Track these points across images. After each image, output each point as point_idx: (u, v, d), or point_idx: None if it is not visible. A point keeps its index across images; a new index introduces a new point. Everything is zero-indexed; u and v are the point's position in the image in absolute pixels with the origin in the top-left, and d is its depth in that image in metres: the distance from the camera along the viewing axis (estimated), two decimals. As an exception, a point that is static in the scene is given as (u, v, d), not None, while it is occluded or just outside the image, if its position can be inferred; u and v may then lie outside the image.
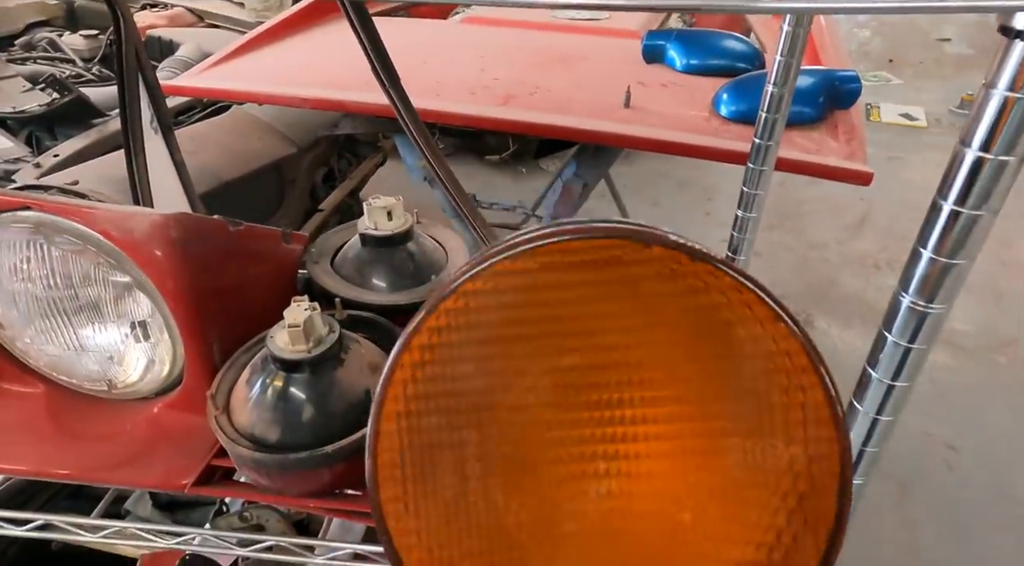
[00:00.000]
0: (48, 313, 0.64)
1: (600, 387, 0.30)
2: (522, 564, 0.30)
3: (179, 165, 1.37)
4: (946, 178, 0.38)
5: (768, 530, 0.28)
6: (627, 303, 0.30)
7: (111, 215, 0.60)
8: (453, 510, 0.30)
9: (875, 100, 4.67)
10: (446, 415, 0.30)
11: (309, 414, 0.61)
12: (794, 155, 1.26)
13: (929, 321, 0.42)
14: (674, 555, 0.29)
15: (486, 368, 0.30)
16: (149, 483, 0.67)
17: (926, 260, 0.40)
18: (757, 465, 0.28)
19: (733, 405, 0.29)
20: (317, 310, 0.62)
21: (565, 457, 0.30)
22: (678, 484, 0.29)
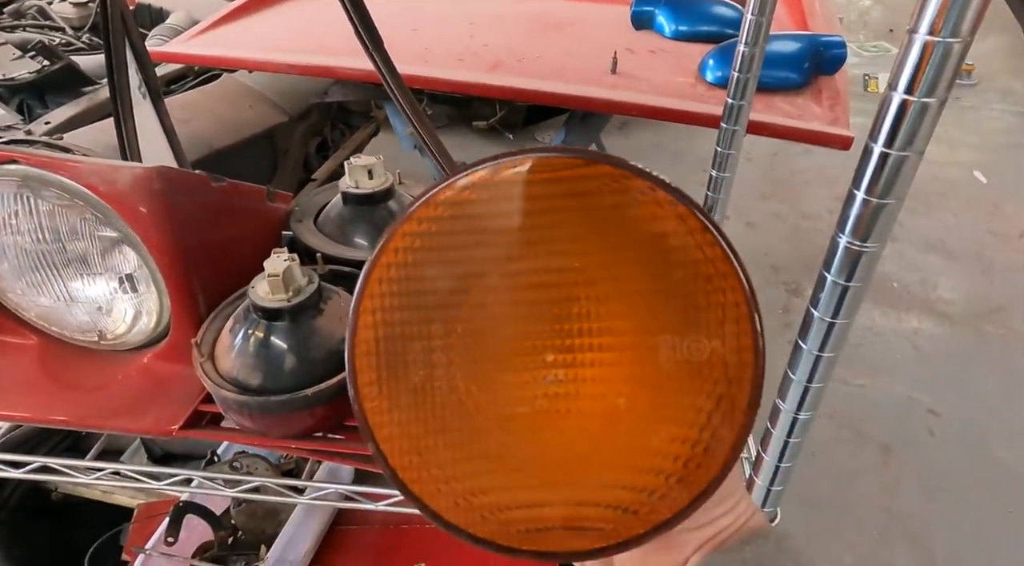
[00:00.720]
0: (38, 266, 0.66)
1: (550, 287, 0.34)
2: (479, 439, 0.35)
3: (169, 131, 1.38)
4: (876, 122, 0.41)
5: (694, 411, 0.32)
6: (575, 214, 0.33)
7: (96, 168, 0.62)
8: (420, 393, 0.34)
9: (873, 70, 4.63)
10: (416, 310, 0.34)
11: (289, 360, 0.64)
12: (777, 119, 1.27)
13: (864, 260, 0.45)
14: (612, 434, 0.34)
15: (452, 270, 0.34)
16: (140, 429, 0.70)
17: (860, 201, 0.43)
18: (684, 357, 0.32)
19: (665, 306, 0.33)
20: (296, 261, 0.65)
21: (519, 349, 0.34)
22: (616, 374, 0.34)
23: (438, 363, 0.34)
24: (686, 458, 0.34)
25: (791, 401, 0.53)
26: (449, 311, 0.34)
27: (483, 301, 0.34)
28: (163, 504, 0.97)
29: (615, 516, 0.35)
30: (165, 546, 0.83)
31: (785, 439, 0.55)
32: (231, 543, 0.89)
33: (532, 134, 3.69)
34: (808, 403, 0.54)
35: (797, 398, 0.53)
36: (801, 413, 0.54)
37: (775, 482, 0.59)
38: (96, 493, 0.99)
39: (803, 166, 3.60)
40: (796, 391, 0.52)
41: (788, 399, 0.53)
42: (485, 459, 0.35)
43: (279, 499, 0.73)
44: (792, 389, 0.53)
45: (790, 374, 0.52)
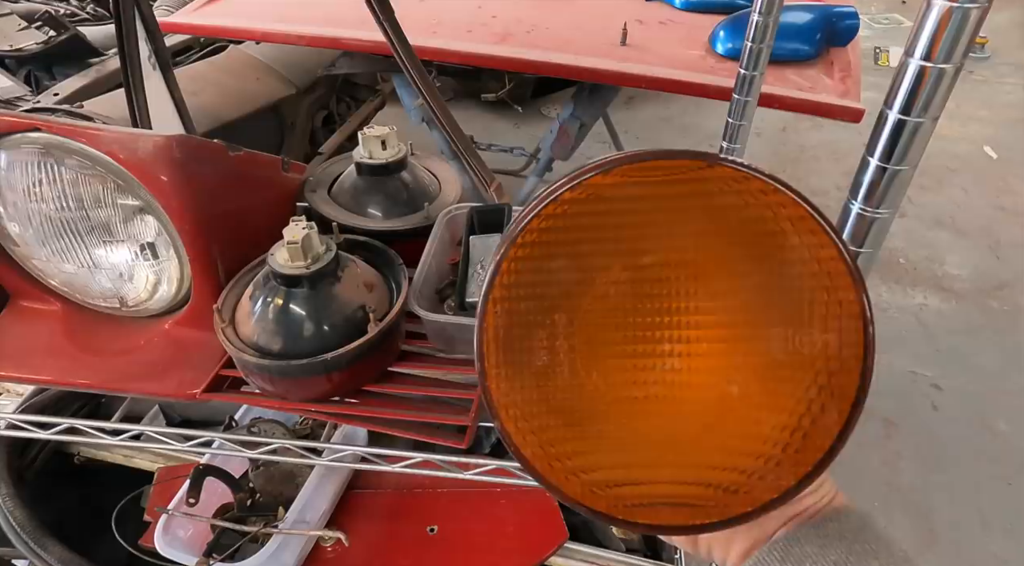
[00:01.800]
0: (62, 233, 0.68)
1: (670, 281, 0.37)
2: (595, 420, 0.38)
3: (178, 102, 1.38)
4: (892, 88, 0.41)
5: (801, 401, 0.35)
6: (697, 213, 0.36)
7: (116, 136, 0.63)
8: (542, 376, 0.37)
9: (885, 43, 4.56)
10: (540, 300, 0.37)
11: (308, 325, 0.66)
12: (787, 92, 1.26)
13: (875, 226, 0.46)
14: (723, 418, 0.36)
15: (576, 264, 0.37)
16: (163, 392, 0.72)
17: (873, 167, 0.44)
18: (795, 349, 0.35)
19: (779, 301, 0.35)
20: (314, 229, 0.66)
21: (639, 338, 0.37)
22: (729, 363, 0.36)
23: (560, 349, 0.37)
24: (791, 444, 0.36)
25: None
26: (572, 301, 0.37)
27: (605, 293, 0.37)
28: (182, 468, 0.99)
29: (717, 496, 0.37)
30: (186, 507, 0.85)
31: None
32: (250, 505, 0.92)
33: (539, 108, 3.67)
34: None
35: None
36: None
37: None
38: (118, 457, 1.02)
39: (812, 141, 3.57)
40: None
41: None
42: (599, 439, 0.38)
43: (298, 460, 0.75)
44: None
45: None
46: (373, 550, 0.91)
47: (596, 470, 0.38)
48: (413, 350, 0.75)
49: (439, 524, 0.93)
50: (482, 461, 0.71)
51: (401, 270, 0.75)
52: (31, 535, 0.85)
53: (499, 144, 2.32)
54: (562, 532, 0.90)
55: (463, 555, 0.90)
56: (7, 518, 0.87)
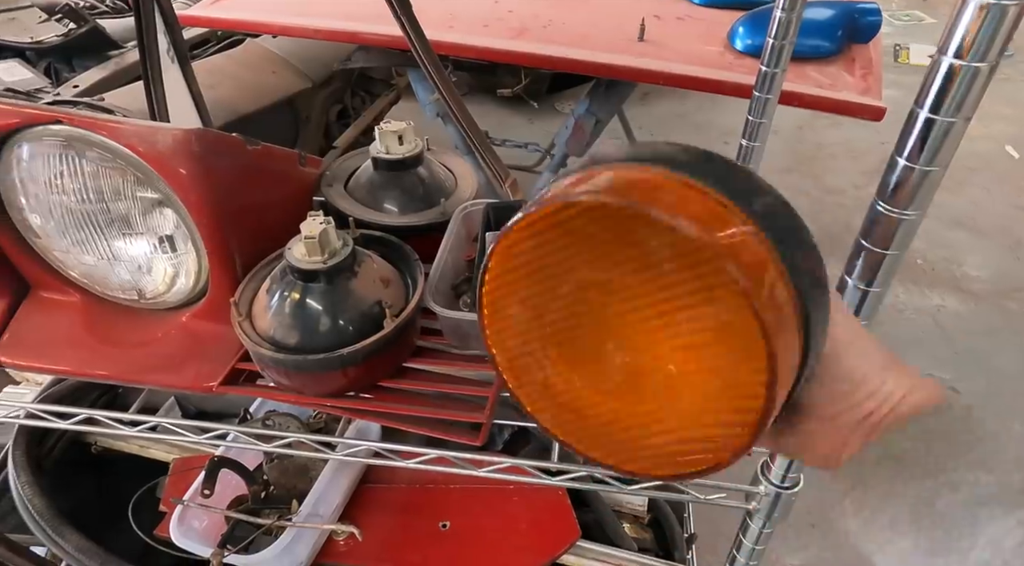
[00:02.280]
0: (82, 225, 0.68)
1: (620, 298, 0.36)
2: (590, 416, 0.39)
3: (196, 96, 1.39)
4: (923, 87, 0.40)
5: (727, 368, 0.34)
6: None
7: (137, 129, 0.63)
8: (545, 386, 0.40)
9: (905, 41, 4.50)
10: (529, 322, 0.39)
11: (324, 320, 0.66)
12: (807, 89, 1.25)
13: (903, 228, 0.45)
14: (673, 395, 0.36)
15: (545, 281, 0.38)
16: (181, 384, 0.72)
17: (901, 167, 0.43)
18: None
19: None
20: (331, 224, 0.66)
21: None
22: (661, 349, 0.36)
23: (550, 358, 0.40)
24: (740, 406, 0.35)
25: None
26: (545, 320, 0.39)
27: (579, 304, 0.38)
28: (197, 459, 1.00)
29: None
30: (201, 498, 0.86)
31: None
32: (264, 497, 0.92)
33: (553, 103, 3.65)
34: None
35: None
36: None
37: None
38: (134, 447, 1.03)
39: (829, 139, 3.53)
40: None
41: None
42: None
43: (312, 454, 0.75)
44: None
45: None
46: (385, 544, 0.91)
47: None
48: (428, 346, 0.75)
49: (451, 520, 0.93)
50: (496, 459, 0.71)
51: (417, 266, 0.74)
52: (49, 523, 0.87)
53: (513, 139, 2.32)
54: (574, 530, 0.90)
55: (475, 551, 0.90)
56: (26, 506, 0.88)
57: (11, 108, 0.64)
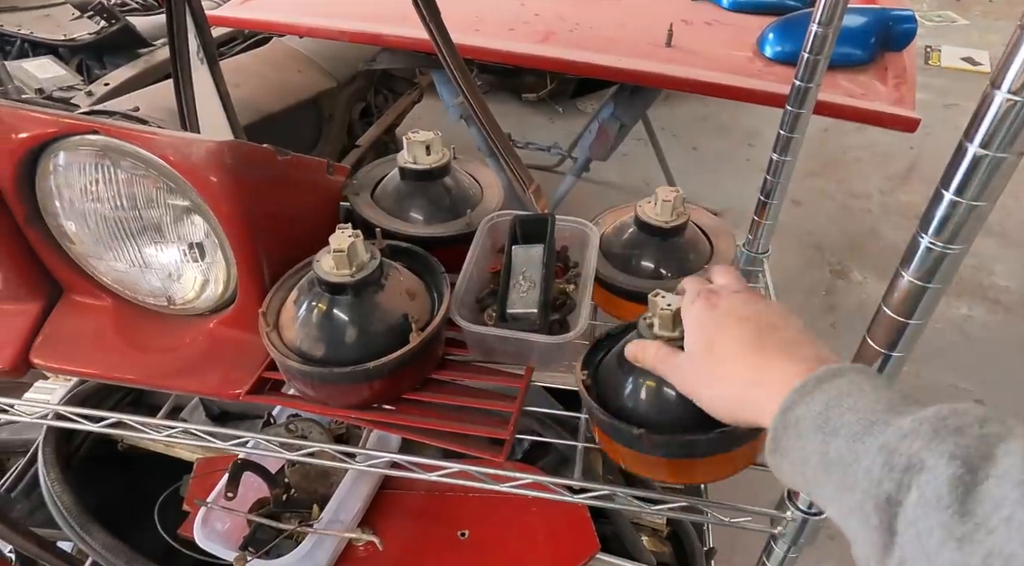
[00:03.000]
0: (116, 232, 0.69)
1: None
2: None
3: (224, 96, 1.40)
4: (973, 120, 0.39)
5: None
6: None
7: (170, 141, 0.64)
8: None
9: (936, 42, 4.41)
10: None
11: (351, 333, 0.66)
12: (838, 99, 1.23)
13: (947, 262, 0.44)
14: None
15: None
16: (207, 390, 0.73)
17: (947, 202, 0.42)
18: None
19: None
20: (360, 237, 0.66)
21: None
22: None
23: None
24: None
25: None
26: None
27: None
28: (221, 460, 1.01)
29: None
30: (225, 500, 0.87)
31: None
32: (285, 500, 0.93)
33: (575, 104, 3.63)
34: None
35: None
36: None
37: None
38: (159, 446, 1.04)
39: (855, 143, 3.48)
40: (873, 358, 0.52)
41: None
42: None
43: (334, 464, 0.76)
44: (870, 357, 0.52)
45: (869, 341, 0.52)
46: (404, 551, 0.91)
47: None
48: (453, 358, 0.75)
49: (470, 529, 0.93)
50: (518, 475, 0.71)
51: (443, 278, 0.74)
52: (77, 520, 0.88)
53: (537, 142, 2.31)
54: (593, 544, 0.90)
55: (493, 561, 0.90)
56: (55, 502, 0.90)
57: (49, 117, 0.65)
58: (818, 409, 0.40)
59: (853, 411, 0.38)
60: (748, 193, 1.15)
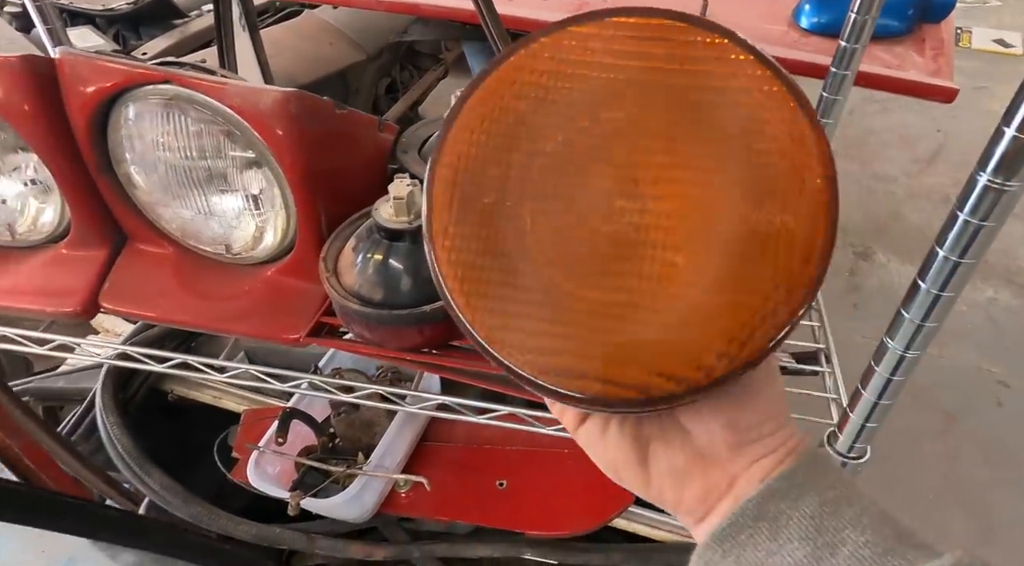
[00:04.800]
0: (184, 181, 0.72)
1: (632, 143, 0.36)
2: (530, 273, 0.36)
3: (263, 65, 1.43)
4: (1013, 104, 0.40)
5: (759, 281, 0.34)
6: (660, 75, 0.36)
7: (238, 90, 0.67)
8: (487, 216, 0.36)
9: (967, 24, 4.32)
10: (501, 138, 0.36)
11: (408, 278, 0.69)
12: (875, 69, 1.23)
13: (981, 235, 0.45)
14: (667, 290, 0.35)
15: (543, 109, 0.36)
16: (266, 334, 0.76)
17: (983, 184, 0.43)
18: (753, 228, 0.34)
19: (741, 176, 0.35)
20: (417, 186, 0.69)
21: (590, 193, 0.36)
22: (682, 229, 0.35)
23: (511, 192, 0.36)
24: (743, 325, 0.33)
25: (900, 340, 0.55)
26: (534, 144, 0.36)
27: (569, 141, 0.36)
28: (267, 411, 1.05)
29: (654, 382, 0.34)
30: (275, 445, 0.91)
31: (888, 376, 0.57)
32: (331, 447, 0.97)
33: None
34: (903, 368, 0.55)
35: (907, 337, 0.54)
36: (897, 376, 0.56)
37: (871, 419, 0.61)
38: (207, 397, 1.09)
39: (880, 125, 3.44)
40: (907, 330, 0.54)
41: (897, 338, 0.55)
42: (531, 291, 0.36)
43: (384, 405, 0.79)
44: (903, 328, 0.54)
45: (903, 312, 0.54)
46: (445, 498, 0.95)
47: (520, 330, 0.35)
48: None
49: (508, 479, 0.97)
50: (565, 417, 0.73)
51: (492, 230, 0.77)
52: (136, 461, 0.93)
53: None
54: (627, 495, 0.93)
55: (531, 509, 0.93)
56: (114, 445, 0.95)
57: (122, 68, 0.68)
58: (810, 511, 0.33)
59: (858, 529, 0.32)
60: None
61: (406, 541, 0.97)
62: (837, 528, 0.32)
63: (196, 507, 0.91)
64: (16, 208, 0.80)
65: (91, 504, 0.89)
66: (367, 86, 2.35)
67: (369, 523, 0.97)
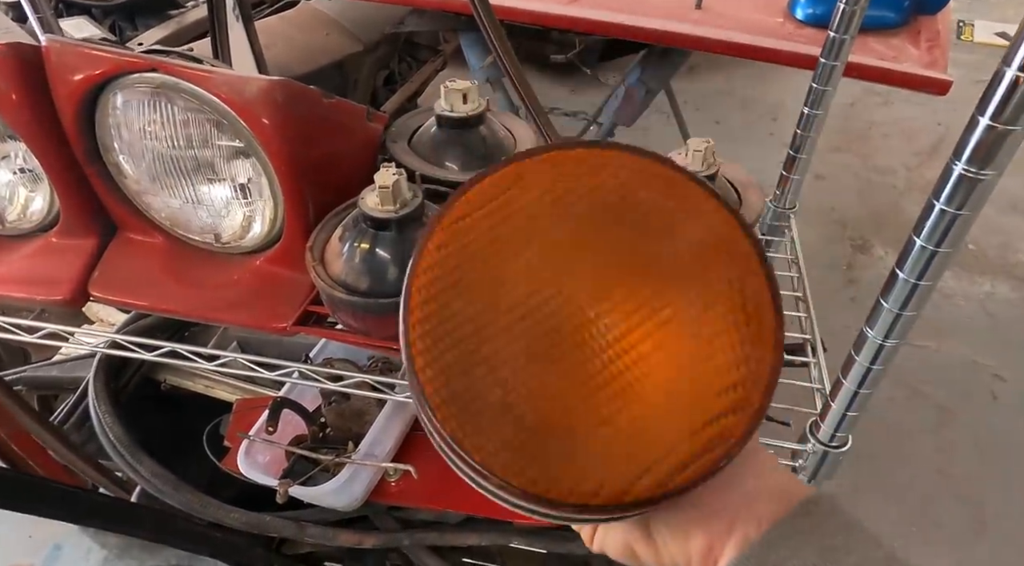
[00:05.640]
0: (171, 169, 0.73)
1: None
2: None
3: (258, 55, 1.43)
4: (985, 96, 0.40)
5: (730, 355, 0.37)
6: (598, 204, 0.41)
7: (225, 78, 0.67)
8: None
9: (969, 17, 4.29)
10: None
11: (394, 267, 0.69)
12: (869, 61, 1.22)
13: (957, 224, 0.45)
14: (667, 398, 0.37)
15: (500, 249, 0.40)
16: (254, 323, 0.77)
17: (958, 173, 0.43)
18: (711, 307, 0.38)
19: (685, 272, 0.39)
20: (403, 175, 0.69)
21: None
22: (657, 343, 0.38)
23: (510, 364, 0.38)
24: (735, 399, 0.36)
25: (879, 329, 0.55)
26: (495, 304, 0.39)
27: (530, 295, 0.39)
28: (259, 400, 1.06)
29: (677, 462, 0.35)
30: (266, 434, 0.92)
31: (868, 365, 0.57)
32: (321, 437, 0.98)
33: (596, 74, 3.61)
34: (882, 358, 0.56)
35: (886, 326, 0.55)
36: (876, 365, 0.56)
37: (851, 408, 0.62)
38: (199, 386, 1.09)
39: (880, 118, 3.43)
40: (886, 319, 0.54)
41: (876, 327, 0.55)
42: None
43: (374, 394, 0.79)
44: (882, 317, 0.54)
45: (882, 302, 0.54)
46: (435, 487, 0.96)
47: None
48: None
49: (497, 468, 0.97)
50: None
51: (479, 220, 0.77)
52: (127, 449, 0.93)
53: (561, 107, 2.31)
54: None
55: (520, 498, 0.94)
56: (106, 433, 0.95)
57: (110, 55, 0.68)
58: (812, 560, 0.34)
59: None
60: (771, 167, 1.15)
61: (396, 529, 0.97)
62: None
63: (187, 495, 0.92)
64: (5, 197, 0.80)
65: (81, 490, 0.90)
66: (365, 78, 2.35)
67: (360, 511, 0.97)
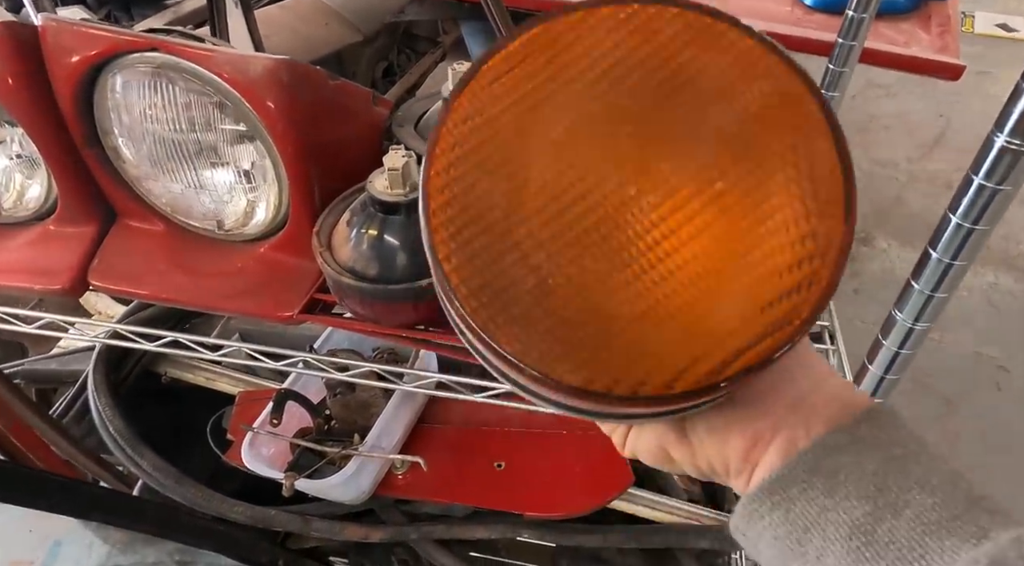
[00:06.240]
0: (173, 153, 0.70)
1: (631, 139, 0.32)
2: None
3: (258, 44, 1.41)
4: (1004, 112, 0.39)
5: (791, 228, 0.31)
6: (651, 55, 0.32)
7: (228, 57, 0.64)
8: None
9: (970, 8, 4.27)
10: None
11: (403, 252, 0.67)
12: (880, 46, 1.21)
13: (996, 200, 0.44)
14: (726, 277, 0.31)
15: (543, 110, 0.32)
16: (259, 312, 0.75)
17: (976, 187, 0.41)
18: (765, 180, 0.31)
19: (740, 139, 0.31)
20: (413, 158, 0.67)
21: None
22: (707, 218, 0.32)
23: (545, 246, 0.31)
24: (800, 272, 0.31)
25: (908, 312, 0.54)
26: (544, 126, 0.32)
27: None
28: (261, 392, 1.04)
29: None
30: (270, 427, 0.90)
31: (896, 350, 0.56)
32: (327, 430, 0.96)
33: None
34: (896, 367, 0.54)
35: (916, 308, 0.53)
36: (890, 374, 0.54)
37: (876, 394, 0.60)
38: (201, 379, 1.07)
39: (883, 110, 3.41)
40: (917, 301, 0.52)
41: (905, 310, 0.54)
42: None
43: (381, 384, 0.78)
44: (913, 299, 0.53)
45: (913, 283, 0.52)
46: (442, 480, 0.94)
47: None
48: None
49: (506, 460, 0.96)
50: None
51: (490, 205, 0.75)
52: (128, 442, 0.91)
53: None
54: (628, 476, 0.92)
55: (530, 491, 0.92)
56: (106, 426, 0.93)
57: (109, 35, 0.66)
58: (873, 468, 0.30)
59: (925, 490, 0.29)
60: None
61: (403, 523, 0.96)
62: (902, 488, 0.29)
63: (190, 489, 0.90)
64: (1, 184, 0.78)
65: (82, 483, 0.88)
66: (364, 69, 2.32)
67: (366, 505, 0.96)
